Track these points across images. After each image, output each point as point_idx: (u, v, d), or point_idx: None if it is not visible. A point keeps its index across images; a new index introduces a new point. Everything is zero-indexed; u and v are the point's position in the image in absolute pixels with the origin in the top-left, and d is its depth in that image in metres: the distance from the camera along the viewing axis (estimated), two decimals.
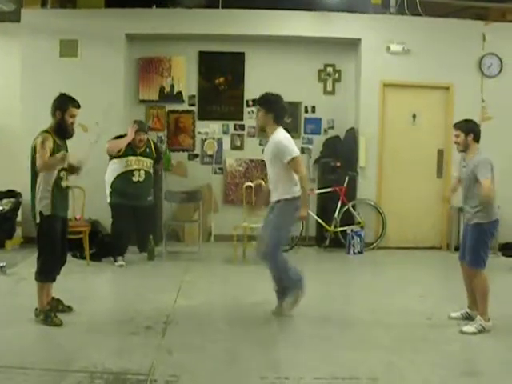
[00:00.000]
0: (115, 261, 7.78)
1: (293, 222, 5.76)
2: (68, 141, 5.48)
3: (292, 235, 8.35)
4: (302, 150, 9.42)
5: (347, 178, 9.00)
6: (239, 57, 9.53)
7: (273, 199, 5.67)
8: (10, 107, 8.99)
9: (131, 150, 7.82)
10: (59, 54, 8.94)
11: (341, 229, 8.99)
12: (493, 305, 5.35)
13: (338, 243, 9.01)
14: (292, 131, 8.34)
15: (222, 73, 9.54)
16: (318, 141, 9.59)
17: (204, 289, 6.80)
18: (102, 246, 8.16)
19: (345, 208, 9.00)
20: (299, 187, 5.54)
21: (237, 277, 7.41)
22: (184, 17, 9.06)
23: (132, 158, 7.80)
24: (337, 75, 9.62)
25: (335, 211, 8.96)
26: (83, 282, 6.97)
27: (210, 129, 9.58)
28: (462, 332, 5.24)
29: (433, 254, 9.17)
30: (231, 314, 5.82)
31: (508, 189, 8.12)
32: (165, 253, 8.23)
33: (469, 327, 5.27)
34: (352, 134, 9.35)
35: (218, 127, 9.59)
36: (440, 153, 9.41)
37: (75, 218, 7.81)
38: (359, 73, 9.33)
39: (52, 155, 5.18)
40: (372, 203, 9.24)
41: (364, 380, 4.26)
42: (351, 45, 9.45)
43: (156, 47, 9.41)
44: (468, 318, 5.51)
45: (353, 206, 9.09)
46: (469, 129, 5.44)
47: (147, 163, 7.94)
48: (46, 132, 5.27)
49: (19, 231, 8.81)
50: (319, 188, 9.25)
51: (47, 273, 5.33)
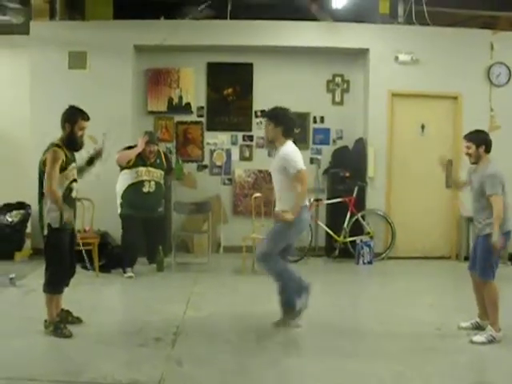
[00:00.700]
0: (124, 272, 7.77)
1: (296, 232, 5.73)
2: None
3: (301, 246, 8.37)
4: (311, 161, 9.46)
5: (356, 189, 8.98)
6: (247, 68, 9.54)
7: (277, 209, 5.69)
8: (20, 119, 9.03)
9: (141, 161, 7.83)
10: (68, 66, 8.98)
11: (350, 239, 8.98)
12: (503, 315, 5.31)
13: (348, 253, 8.99)
14: (301, 142, 8.42)
15: (231, 84, 9.56)
16: (327, 151, 9.59)
17: (213, 300, 6.79)
18: (112, 258, 8.14)
19: (354, 218, 8.99)
20: (305, 198, 5.61)
21: (246, 288, 7.39)
22: (192, 28, 9.09)
23: (142, 169, 7.81)
24: (345, 85, 9.62)
25: (344, 221, 8.95)
26: (92, 294, 6.97)
27: (219, 140, 9.60)
28: (472, 342, 5.20)
29: (442, 264, 9.12)
30: (240, 325, 5.80)
31: None
32: (174, 264, 8.21)
33: (479, 337, 5.23)
34: (361, 145, 9.34)
35: (227, 138, 9.61)
36: (449, 163, 9.34)
37: (84, 230, 7.83)
38: (367, 83, 9.33)
39: (63, 168, 5.20)
40: (381, 213, 9.22)
41: None
42: (359, 55, 9.45)
43: (164, 58, 9.44)
44: (478, 328, 5.47)
45: (362, 217, 9.07)
46: (480, 140, 5.41)
47: (158, 174, 7.95)
48: (57, 146, 5.26)
49: (28, 243, 8.82)
50: (328, 198, 9.24)
51: (55, 284, 5.33)
